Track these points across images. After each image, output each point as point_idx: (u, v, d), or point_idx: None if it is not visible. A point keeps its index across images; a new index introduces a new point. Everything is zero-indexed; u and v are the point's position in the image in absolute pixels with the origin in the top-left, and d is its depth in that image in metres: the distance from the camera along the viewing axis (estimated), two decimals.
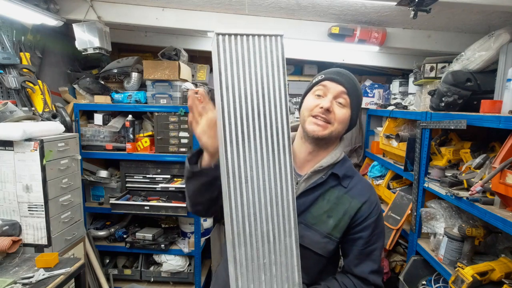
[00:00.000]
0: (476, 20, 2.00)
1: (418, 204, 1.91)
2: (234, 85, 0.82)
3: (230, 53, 0.82)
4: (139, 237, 2.68)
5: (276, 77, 0.85)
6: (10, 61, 2.11)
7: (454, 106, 1.77)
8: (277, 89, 0.85)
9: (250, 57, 0.83)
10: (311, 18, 2.31)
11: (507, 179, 1.24)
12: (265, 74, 0.84)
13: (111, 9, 2.29)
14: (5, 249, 1.73)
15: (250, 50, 0.83)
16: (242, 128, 0.83)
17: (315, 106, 0.98)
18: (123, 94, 2.64)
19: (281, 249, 0.86)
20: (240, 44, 0.83)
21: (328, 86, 0.99)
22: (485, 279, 1.39)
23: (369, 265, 1.01)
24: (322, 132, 0.98)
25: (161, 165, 2.68)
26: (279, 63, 0.84)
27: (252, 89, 0.84)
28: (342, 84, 0.98)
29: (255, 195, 0.85)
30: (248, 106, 0.83)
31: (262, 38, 0.84)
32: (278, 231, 0.86)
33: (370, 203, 1.01)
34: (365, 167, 3.10)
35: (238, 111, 0.83)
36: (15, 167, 1.92)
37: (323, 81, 1.00)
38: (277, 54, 0.84)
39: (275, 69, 0.84)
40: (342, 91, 0.98)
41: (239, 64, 0.83)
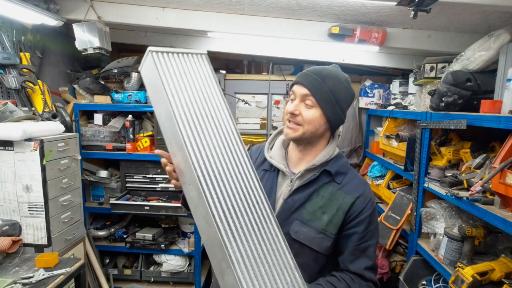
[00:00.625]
0: (476, 20, 2.00)
1: (418, 204, 1.91)
2: (179, 94, 0.90)
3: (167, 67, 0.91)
4: (139, 237, 2.68)
5: (211, 85, 0.94)
6: (10, 61, 2.11)
7: (454, 106, 1.77)
8: (216, 95, 0.94)
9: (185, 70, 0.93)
10: (311, 18, 2.31)
11: (507, 179, 1.24)
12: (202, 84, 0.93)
13: (111, 9, 2.29)
14: (5, 249, 1.73)
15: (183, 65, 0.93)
16: (196, 128, 0.89)
17: (287, 111, 1.04)
18: (123, 94, 2.64)
19: (268, 236, 0.87)
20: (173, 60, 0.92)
21: (295, 91, 1.03)
22: (485, 279, 1.39)
23: (364, 262, 1.02)
24: (293, 134, 1.03)
25: (161, 165, 2.66)
26: (209, 75, 0.95)
27: (195, 96, 0.91)
28: (305, 86, 1.01)
29: (227, 189, 0.87)
30: (197, 111, 0.90)
31: (190, 56, 0.95)
32: (259, 219, 0.87)
33: (364, 198, 1.02)
34: (365, 167, 3.10)
35: (189, 115, 0.89)
36: (15, 167, 1.92)
37: (293, 86, 1.06)
38: (206, 68, 0.95)
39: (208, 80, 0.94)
40: (306, 93, 1.01)
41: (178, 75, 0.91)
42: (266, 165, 1.12)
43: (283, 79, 3.35)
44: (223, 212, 0.84)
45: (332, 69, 1.08)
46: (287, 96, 3.37)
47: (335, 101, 1.02)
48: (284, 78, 3.35)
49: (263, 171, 1.11)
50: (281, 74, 3.36)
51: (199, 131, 0.89)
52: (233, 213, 0.86)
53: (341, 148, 3.29)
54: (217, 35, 2.57)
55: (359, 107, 3.28)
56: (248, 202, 0.89)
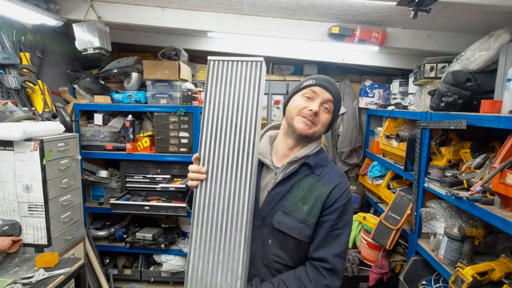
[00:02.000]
0: (476, 20, 2.00)
1: (418, 204, 1.91)
2: (215, 98, 1.04)
3: (218, 74, 1.06)
4: (139, 237, 2.69)
5: (252, 95, 1.03)
6: (10, 61, 2.11)
7: (454, 106, 1.77)
8: (250, 105, 1.03)
9: (233, 78, 1.05)
10: (311, 18, 2.31)
11: (507, 179, 1.24)
12: (243, 92, 1.04)
13: (111, 9, 2.29)
14: (5, 249, 1.73)
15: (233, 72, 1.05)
16: (216, 132, 1.04)
17: (304, 107, 1.09)
18: (123, 94, 2.64)
19: (231, 241, 1.01)
20: (226, 68, 1.06)
21: (318, 92, 1.10)
22: (485, 279, 1.39)
23: (333, 248, 1.06)
24: (307, 130, 1.09)
25: (161, 165, 2.68)
26: (257, 83, 1.03)
27: (230, 103, 1.04)
28: (330, 92, 1.10)
29: (216, 188, 1.03)
30: (224, 115, 1.04)
31: (245, 63, 1.05)
32: (231, 224, 1.02)
33: (340, 188, 1.09)
34: (365, 167, 3.10)
35: (215, 118, 1.04)
36: (15, 167, 1.92)
37: (314, 86, 1.11)
38: (256, 76, 1.04)
39: (251, 89, 1.03)
40: (329, 99, 1.10)
41: (224, 83, 1.05)
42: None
43: (283, 79, 3.35)
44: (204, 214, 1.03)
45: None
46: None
47: (338, 110, 1.16)
48: (284, 78, 3.35)
49: None
50: (281, 74, 3.36)
51: (217, 135, 1.03)
52: (211, 207, 1.03)
53: (341, 148, 3.29)
54: (217, 35, 2.57)
55: (359, 107, 3.28)
56: (230, 206, 1.03)
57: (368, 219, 2.32)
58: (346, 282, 2.17)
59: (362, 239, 2.31)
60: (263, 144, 1.20)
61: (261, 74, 1.03)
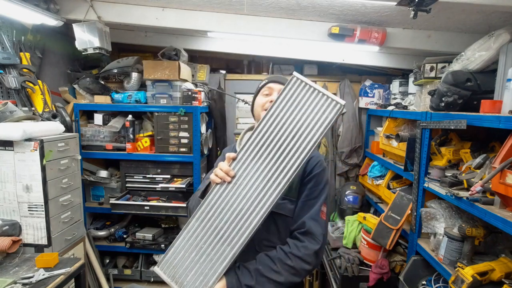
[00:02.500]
0: (476, 20, 2.00)
1: (418, 204, 1.91)
2: (279, 113, 1.04)
3: (293, 92, 1.04)
4: (139, 237, 2.69)
5: (314, 129, 1.01)
6: (10, 61, 2.11)
7: (454, 106, 1.77)
8: (308, 137, 1.01)
9: (305, 104, 1.03)
10: (311, 18, 2.31)
11: (507, 179, 1.24)
12: (308, 122, 1.02)
13: (111, 9, 2.29)
14: (5, 249, 1.73)
15: (309, 99, 1.03)
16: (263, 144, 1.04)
17: (266, 102, 1.26)
18: (123, 94, 2.64)
19: (219, 252, 1.04)
20: (304, 91, 1.04)
21: (273, 87, 1.28)
22: (485, 279, 1.39)
23: (308, 214, 1.16)
24: None
25: (161, 165, 2.68)
26: (325, 123, 1.01)
27: (290, 125, 1.03)
28: (281, 83, 1.26)
29: (232, 197, 1.05)
30: (279, 133, 1.03)
31: (325, 97, 1.02)
32: (228, 238, 1.04)
33: (314, 159, 1.22)
34: (365, 167, 3.10)
35: (269, 131, 1.04)
36: (15, 167, 1.92)
37: (268, 84, 1.30)
38: (328, 115, 1.01)
39: (317, 123, 1.01)
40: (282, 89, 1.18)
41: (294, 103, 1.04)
42: None
43: None
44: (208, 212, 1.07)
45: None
46: None
47: None
48: None
49: None
50: (281, 74, 3.36)
51: (262, 148, 1.05)
52: (218, 210, 1.06)
53: (341, 148, 3.29)
54: (217, 35, 2.57)
55: (359, 107, 3.28)
56: (235, 219, 1.05)
57: (368, 219, 2.32)
58: (346, 282, 2.17)
59: (362, 239, 2.31)
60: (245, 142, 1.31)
61: (335, 115, 1.00)
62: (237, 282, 1.07)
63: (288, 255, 1.10)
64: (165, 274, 1.11)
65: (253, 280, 1.08)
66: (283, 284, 1.09)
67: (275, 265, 1.09)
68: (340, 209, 2.91)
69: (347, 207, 2.81)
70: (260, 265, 1.10)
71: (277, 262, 1.10)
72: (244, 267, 1.11)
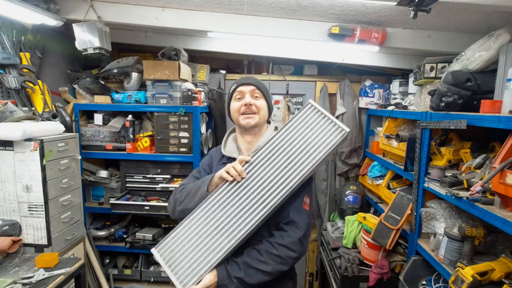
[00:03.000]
0: (476, 20, 2.00)
1: (418, 204, 1.91)
2: (292, 132, 1.20)
3: (307, 116, 1.23)
4: (139, 237, 2.68)
5: (319, 149, 1.16)
6: (10, 61, 2.11)
7: (454, 106, 1.77)
8: (313, 155, 1.15)
9: (315, 127, 1.19)
10: (311, 18, 2.31)
11: (507, 179, 1.24)
12: (314, 142, 1.17)
13: (111, 9, 2.29)
14: (5, 249, 1.73)
15: (319, 123, 1.20)
16: (273, 155, 1.18)
17: (240, 106, 1.31)
18: (123, 94, 2.64)
19: (216, 242, 1.12)
20: (316, 115, 1.22)
21: (243, 90, 1.32)
22: (485, 279, 1.39)
23: (291, 204, 1.23)
24: (253, 121, 1.30)
25: (161, 165, 2.68)
26: (329, 144, 1.16)
27: (299, 142, 1.18)
28: (251, 84, 1.33)
29: (237, 196, 1.15)
30: (288, 148, 1.18)
31: (332, 123, 1.19)
32: (226, 230, 1.12)
33: None
34: (365, 167, 3.10)
35: (280, 144, 1.19)
36: (15, 167, 1.92)
37: (237, 88, 1.34)
38: (331, 140, 1.17)
39: (322, 144, 1.16)
40: (253, 89, 1.32)
41: (306, 124, 1.21)
42: (225, 158, 1.39)
43: (283, 79, 3.35)
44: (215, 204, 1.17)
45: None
46: (287, 96, 3.37)
47: (268, 94, 1.39)
48: (284, 78, 3.35)
49: (223, 164, 1.34)
50: (281, 74, 3.36)
51: (272, 157, 1.18)
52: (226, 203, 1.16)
53: (341, 148, 3.29)
54: (217, 35, 2.57)
55: (359, 107, 3.28)
56: (239, 214, 1.14)
57: (368, 219, 2.32)
58: (346, 282, 2.17)
59: (362, 239, 2.31)
60: (230, 144, 1.41)
61: (339, 139, 1.16)
62: (227, 274, 1.12)
63: (273, 245, 1.16)
64: (161, 256, 1.17)
65: (242, 271, 1.13)
66: (271, 274, 1.15)
67: (261, 256, 1.15)
68: (340, 209, 2.91)
69: (347, 207, 2.81)
70: (248, 258, 1.15)
71: (264, 253, 1.15)
72: (233, 261, 1.15)
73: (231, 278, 1.11)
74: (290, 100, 3.35)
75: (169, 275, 1.13)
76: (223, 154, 1.40)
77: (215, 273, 1.12)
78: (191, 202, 1.24)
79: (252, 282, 1.13)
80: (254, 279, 1.13)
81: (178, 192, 1.34)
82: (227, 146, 1.42)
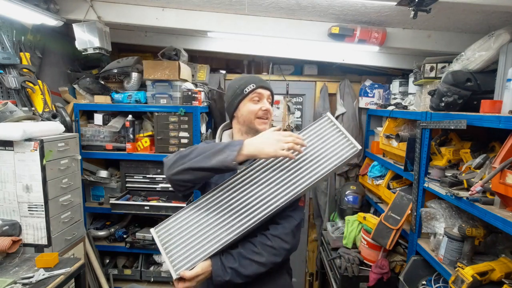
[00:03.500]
0: (476, 20, 2.00)
1: (418, 204, 1.91)
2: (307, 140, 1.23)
3: (323, 127, 1.27)
4: (139, 237, 2.69)
5: (329, 161, 1.19)
6: (10, 61, 2.11)
7: (454, 106, 1.77)
8: (322, 166, 1.18)
9: (329, 139, 1.23)
10: (311, 18, 2.31)
11: (507, 179, 1.24)
12: (325, 154, 1.21)
13: (111, 9, 2.29)
14: (5, 249, 1.73)
15: (332, 136, 1.23)
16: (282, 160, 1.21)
17: (258, 109, 1.29)
18: (123, 94, 2.64)
19: (214, 234, 1.14)
20: (331, 128, 1.26)
21: (262, 93, 1.30)
22: (485, 279, 1.39)
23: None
24: (267, 127, 1.31)
25: (161, 165, 2.68)
26: (340, 158, 1.18)
27: (312, 150, 1.21)
28: (269, 89, 1.34)
29: (246, 191, 1.18)
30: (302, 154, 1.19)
31: (346, 139, 1.22)
32: (227, 225, 1.14)
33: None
34: (365, 167, 3.10)
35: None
36: (15, 167, 1.92)
37: (257, 89, 1.29)
38: (342, 154, 1.19)
39: (333, 157, 1.19)
40: (270, 94, 1.34)
41: (320, 135, 1.25)
42: None
43: (283, 79, 3.35)
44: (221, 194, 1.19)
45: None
46: (287, 96, 3.37)
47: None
48: (284, 78, 3.35)
49: None
50: (281, 74, 3.36)
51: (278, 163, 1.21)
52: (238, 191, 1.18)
53: None
54: (217, 35, 2.57)
55: (359, 107, 3.28)
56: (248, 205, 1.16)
57: (368, 219, 2.32)
58: (346, 282, 2.17)
59: (362, 239, 2.31)
60: (225, 141, 1.36)
61: (350, 155, 1.18)
62: (221, 264, 1.12)
63: (267, 236, 1.17)
64: (159, 238, 1.18)
65: (236, 262, 1.13)
66: (265, 265, 1.15)
67: (256, 247, 1.16)
68: (340, 209, 2.91)
69: (347, 207, 2.81)
70: (242, 249, 1.16)
71: (258, 245, 1.16)
72: (228, 252, 1.16)
73: (225, 269, 1.12)
74: (290, 100, 3.35)
75: (163, 257, 1.13)
76: None
77: (209, 262, 1.12)
78: (203, 162, 1.08)
79: (247, 273, 1.13)
80: (248, 270, 1.13)
81: (182, 152, 1.17)
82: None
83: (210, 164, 1.08)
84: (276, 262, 1.18)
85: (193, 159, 1.11)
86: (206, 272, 1.12)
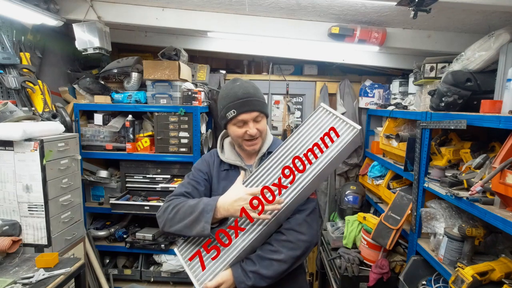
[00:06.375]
0: (476, 20, 2.00)
1: (418, 204, 1.91)
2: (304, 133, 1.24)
3: (319, 118, 1.25)
4: (139, 237, 2.69)
5: (332, 147, 1.17)
6: (10, 61, 2.11)
7: (454, 106, 1.77)
8: (325, 154, 1.16)
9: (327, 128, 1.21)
10: (311, 18, 2.31)
11: (507, 179, 1.24)
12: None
13: (111, 9, 2.29)
14: (5, 249, 1.73)
15: (330, 124, 1.22)
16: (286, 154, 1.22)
17: (243, 133, 1.24)
18: (123, 94, 2.64)
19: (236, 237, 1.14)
20: (327, 117, 1.24)
21: (245, 118, 1.21)
22: (485, 279, 1.39)
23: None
24: (257, 146, 1.29)
25: (161, 165, 2.68)
26: (342, 142, 1.16)
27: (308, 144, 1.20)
28: (253, 109, 1.22)
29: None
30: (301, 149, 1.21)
31: (344, 123, 1.19)
32: (247, 225, 1.14)
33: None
34: (365, 167, 3.10)
35: (293, 145, 1.22)
36: (15, 167, 1.92)
37: (238, 116, 1.21)
38: (344, 137, 1.17)
39: (335, 143, 1.17)
40: (256, 115, 1.23)
41: (317, 126, 1.23)
42: (226, 165, 1.34)
43: (283, 79, 3.35)
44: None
45: (248, 81, 1.30)
46: (287, 96, 3.37)
47: (267, 106, 1.36)
48: (284, 78, 3.35)
49: (225, 171, 1.33)
50: (281, 74, 3.36)
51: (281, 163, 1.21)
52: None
53: None
54: (217, 35, 2.57)
55: (359, 107, 3.28)
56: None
57: (368, 219, 2.32)
58: (346, 282, 2.17)
59: (362, 239, 2.31)
60: (228, 150, 1.36)
61: (351, 137, 1.15)
62: (242, 270, 1.12)
63: (281, 231, 1.18)
64: (182, 256, 1.21)
65: (256, 265, 1.13)
66: (286, 262, 1.14)
67: (272, 246, 1.16)
68: (340, 209, 2.91)
69: (347, 207, 2.81)
70: (260, 251, 1.16)
71: (274, 242, 1.16)
72: (247, 258, 1.16)
73: (246, 274, 1.11)
74: (290, 100, 3.35)
75: (188, 273, 1.15)
76: (221, 160, 1.34)
77: (229, 271, 1.13)
78: (186, 231, 1.14)
79: (269, 274, 1.12)
80: (270, 271, 1.12)
81: (170, 210, 1.21)
82: (225, 152, 1.37)
83: (192, 234, 1.14)
84: (297, 256, 1.17)
85: (177, 225, 1.16)
86: (228, 281, 1.11)
